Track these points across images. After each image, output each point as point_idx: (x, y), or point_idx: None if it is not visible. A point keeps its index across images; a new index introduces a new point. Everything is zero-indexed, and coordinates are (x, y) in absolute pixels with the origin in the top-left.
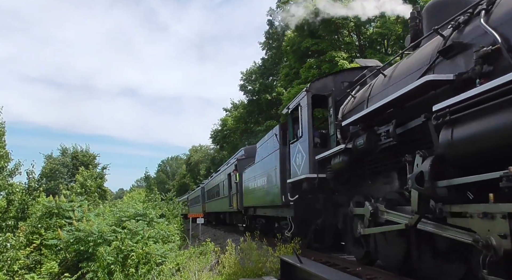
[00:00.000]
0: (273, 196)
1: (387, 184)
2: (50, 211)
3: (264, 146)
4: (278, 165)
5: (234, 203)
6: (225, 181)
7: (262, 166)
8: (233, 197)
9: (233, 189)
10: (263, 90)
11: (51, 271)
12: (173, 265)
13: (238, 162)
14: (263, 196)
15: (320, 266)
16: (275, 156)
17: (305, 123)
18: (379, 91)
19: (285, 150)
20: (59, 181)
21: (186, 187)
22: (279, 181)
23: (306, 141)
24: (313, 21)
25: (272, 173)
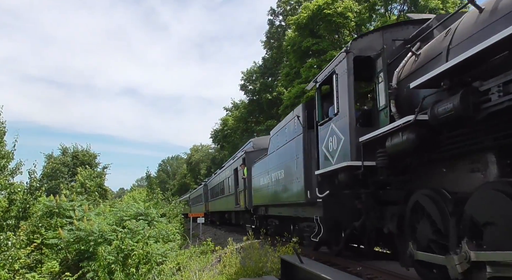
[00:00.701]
0: (293, 192)
1: (476, 172)
2: (51, 210)
3: (281, 133)
4: (301, 153)
5: (241, 201)
6: (231, 177)
7: (278, 157)
8: (240, 195)
9: (240, 186)
10: (264, 90)
11: (52, 270)
12: (174, 264)
13: (246, 155)
14: (278, 192)
15: (321, 266)
16: (297, 143)
17: (344, 96)
18: (471, 34)
19: (310, 135)
20: (59, 180)
21: (187, 186)
22: (302, 173)
23: (345, 118)
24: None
25: (292, 164)
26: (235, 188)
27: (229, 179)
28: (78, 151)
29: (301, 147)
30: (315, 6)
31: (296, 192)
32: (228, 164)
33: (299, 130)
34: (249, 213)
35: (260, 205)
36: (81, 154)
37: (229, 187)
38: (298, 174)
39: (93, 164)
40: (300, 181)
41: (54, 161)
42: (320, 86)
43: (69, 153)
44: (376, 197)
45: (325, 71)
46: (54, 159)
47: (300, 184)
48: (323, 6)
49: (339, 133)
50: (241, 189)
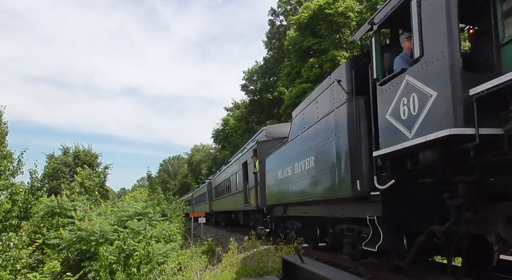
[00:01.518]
0: (330, 184)
1: None
2: (52, 210)
3: (309, 110)
4: (344, 129)
5: (251, 199)
6: (239, 173)
7: (305, 141)
8: (250, 192)
9: (250, 182)
10: (265, 90)
11: (53, 270)
12: (175, 264)
13: (259, 145)
14: (304, 186)
15: (322, 266)
16: (338, 116)
17: (435, 28)
18: None
19: (359, 103)
20: (61, 180)
21: (188, 186)
22: (346, 157)
23: (438, 63)
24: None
25: (329, 147)
26: (244, 184)
27: (236, 175)
28: (80, 151)
29: (344, 120)
30: (316, 6)
31: (335, 184)
32: (236, 158)
33: (340, 99)
34: (262, 213)
35: (277, 204)
36: (83, 154)
37: (237, 183)
38: (339, 158)
39: (95, 164)
40: (343, 168)
41: (55, 161)
42: (379, 29)
43: (71, 153)
44: (483, 187)
45: (390, 3)
46: (55, 159)
47: (343, 173)
48: (324, 6)
49: (425, 88)
50: (252, 185)
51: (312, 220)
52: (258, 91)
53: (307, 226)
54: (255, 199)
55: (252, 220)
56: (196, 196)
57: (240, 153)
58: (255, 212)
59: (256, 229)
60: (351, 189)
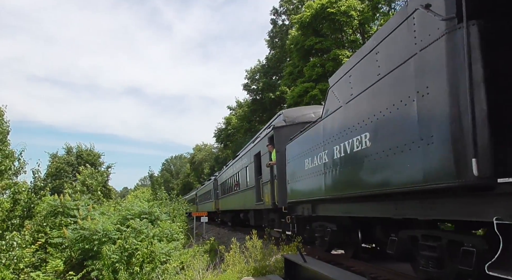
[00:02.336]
0: (411, 168)
1: None
2: (55, 209)
3: (361, 68)
4: (441, 79)
5: (266, 196)
6: (250, 166)
7: (353, 112)
8: (264, 188)
9: (264, 176)
10: (267, 89)
11: (56, 269)
12: (177, 263)
13: (276, 131)
14: (353, 176)
15: (324, 265)
16: (425, 62)
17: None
18: None
19: (473, 32)
20: (64, 180)
21: (190, 185)
22: (448, 122)
23: None
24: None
25: (404, 113)
26: (257, 179)
27: (246, 169)
28: (82, 151)
29: (440, 65)
30: (318, 5)
31: (420, 168)
32: (246, 150)
33: (431, 34)
34: (279, 213)
35: (302, 201)
36: (85, 154)
37: (247, 179)
38: (430, 127)
39: (97, 163)
40: (439, 140)
41: (58, 160)
42: None
43: (73, 152)
44: None
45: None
46: (59, 158)
47: (440, 148)
48: (326, 5)
49: None
50: (266, 180)
51: (351, 220)
52: (260, 91)
53: (345, 228)
54: (271, 196)
55: (265, 220)
56: (200, 194)
57: (251, 143)
58: (269, 212)
59: (271, 231)
60: (456, 174)
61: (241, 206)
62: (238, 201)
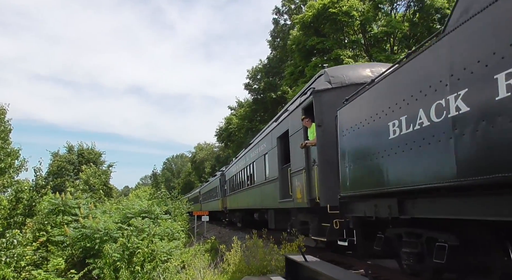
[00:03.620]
0: None
1: None
2: (56, 208)
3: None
4: None
5: (297, 190)
6: (271, 154)
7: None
8: (294, 179)
9: (295, 163)
10: (268, 89)
11: (58, 267)
12: (178, 262)
13: (317, 97)
14: None
15: (326, 264)
16: None
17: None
18: None
19: None
20: (65, 178)
21: (192, 184)
22: None
23: None
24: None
25: None
26: (282, 169)
27: (265, 158)
28: (84, 149)
29: None
30: (320, 5)
31: None
32: (265, 133)
33: None
34: (318, 214)
35: (376, 194)
36: (87, 152)
37: (267, 170)
38: None
39: (98, 162)
40: None
41: (59, 158)
42: None
43: (75, 150)
44: None
45: None
46: (60, 157)
47: None
48: (328, 5)
49: None
50: (298, 168)
51: (486, 230)
52: (261, 90)
53: (478, 243)
54: (307, 189)
55: (295, 223)
56: (204, 192)
57: (273, 122)
58: (301, 212)
59: (302, 239)
60: None
61: (256, 204)
62: (252, 198)
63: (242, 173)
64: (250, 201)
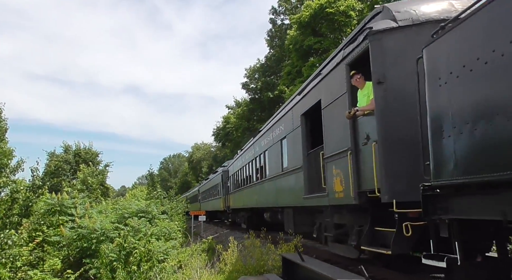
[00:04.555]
0: None
1: None
2: (52, 208)
3: None
4: None
5: (336, 181)
6: (292, 137)
7: None
8: (331, 167)
9: (332, 144)
10: (266, 88)
11: (54, 267)
12: (175, 262)
13: (376, 42)
14: None
15: (322, 264)
16: None
17: None
18: None
19: None
20: (61, 178)
21: (189, 184)
22: None
23: None
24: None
25: None
26: (307, 155)
27: (282, 144)
28: (80, 149)
29: None
30: (317, 5)
31: None
32: (284, 111)
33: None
34: (371, 214)
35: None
36: (83, 152)
37: (285, 158)
38: None
39: (95, 162)
40: None
41: (56, 158)
42: None
43: (71, 150)
44: None
45: None
46: (57, 157)
47: None
48: (325, 5)
49: None
50: (339, 149)
51: None
52: (259, 90)
53: None
54: (352, 178)
55: (328, 227)
56: (204, 190)
57: (297, 95)
58: (339, 211)
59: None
60: None
61: (268, 202)
62: (262, 195)
63: (249, 166)
64: (259, 199)
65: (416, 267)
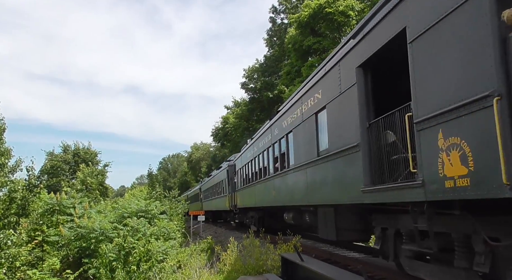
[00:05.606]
0: None
1: None
2: (51, 208)
3: None
4: None
5: (445, 162)
6: (335, 105)
7: None
8: (425, 140)
9: (442, 96)
10: (265, 88)
11: (53, 267)
12: (174, 262)
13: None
14: None
15: (321, 264)
16: None
17: None
18: None
19: None
20: (60, 178)
21: (188, 184)
22: None
23: None
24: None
25: None
26: (367, 128)
27: (318, 118)
28: (79, 149)
29: None
30: (316, 5)
31: None
32: (327, 68)
33: None
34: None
35: None
36: (82, 152)
37: (324, 136)
38: None
39: (94, 162)
40: None
41: (55, 158)
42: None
43: (70, 150)
44: None
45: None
46: (55, 157)
47: None
48: (324, 5)
49: None
50: (462, 100)
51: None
52: (258, 90)
53: None
54: (500, 150)
55: (408, 237)
56: (206, 189)
57: (350, 38)
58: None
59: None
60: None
61: (294, 199)
62: (284, 191)
63: (263, 156)
64: (278, 195)
65: None
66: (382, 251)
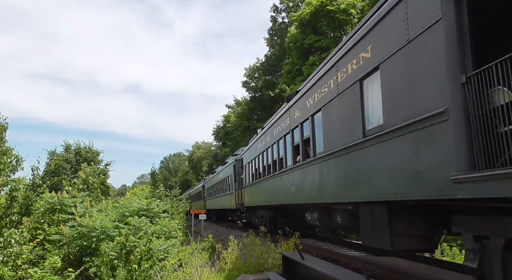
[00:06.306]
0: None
1: None
2: (52, 206)
3: None
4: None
5: None
6: (419, 47)
7: None
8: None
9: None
10: (266, 87)
11: (54, 265)
12: (175, 260)
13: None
14: None
15: (322, 262)
16: None
17: None
18: None
19: None
20: (62, 177)
21: (189, 183)
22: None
23: None
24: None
25: None
26: (465, 82)
27: (364, 87)
28: (81, 148)
29: None
30: (318, 3)
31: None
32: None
33: None
34: None
35: None
36: (84, 151)
37: (373, 110)
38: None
39: (96, 161)
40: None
41: (56, 157)
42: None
43: (72, 149)
44: None
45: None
46: (57, 156)
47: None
48: (326, 3)
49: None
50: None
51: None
52: (259, 89)
53: None
54: None
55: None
56: (210, 186)
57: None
58: None
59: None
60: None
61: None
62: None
63: (277, 146)
64: (299, 191)
65: None
66: (481, 272)
